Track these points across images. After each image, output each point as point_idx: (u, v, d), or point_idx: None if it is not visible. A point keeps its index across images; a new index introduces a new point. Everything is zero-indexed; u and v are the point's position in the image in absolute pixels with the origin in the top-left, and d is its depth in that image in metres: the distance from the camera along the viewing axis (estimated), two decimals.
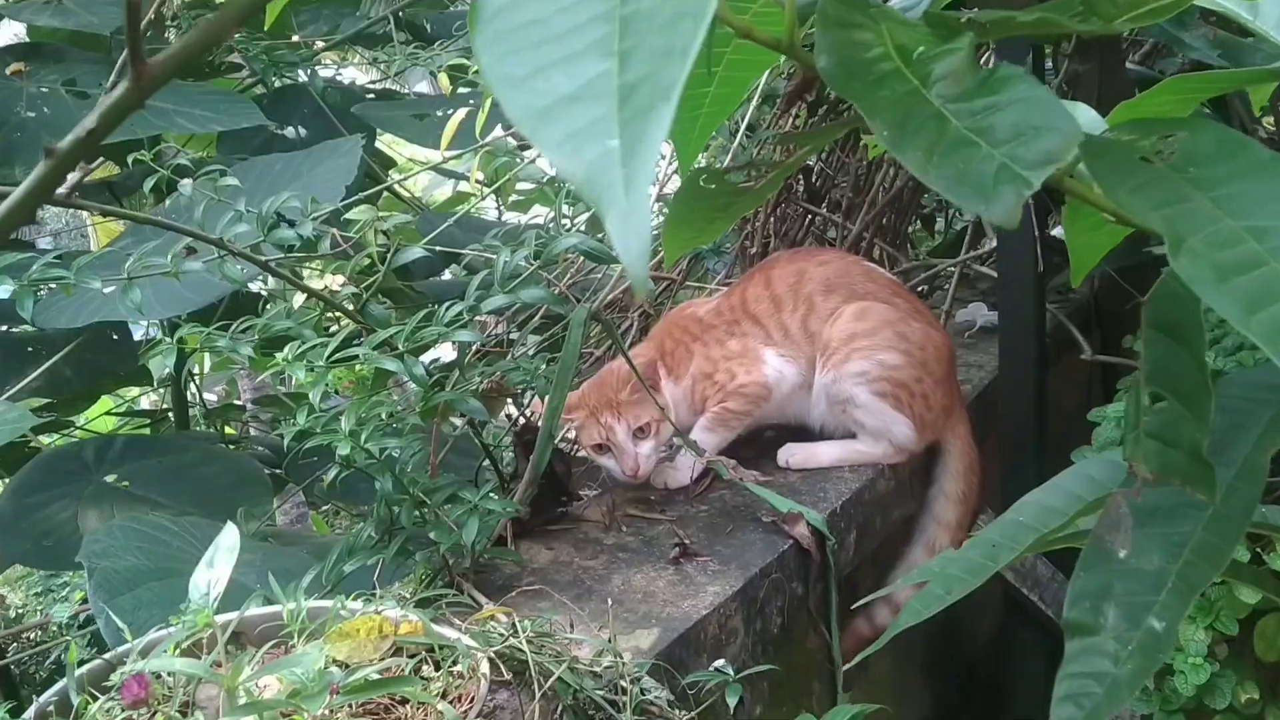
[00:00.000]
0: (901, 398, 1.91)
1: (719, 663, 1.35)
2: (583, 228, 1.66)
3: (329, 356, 1.44)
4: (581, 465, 1.96)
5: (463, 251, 3.12)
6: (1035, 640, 2.29)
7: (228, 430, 3.40)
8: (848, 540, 1.85)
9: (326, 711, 1.01)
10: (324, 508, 4.08)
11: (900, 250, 2.68)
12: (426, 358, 3.39)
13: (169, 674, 1.11)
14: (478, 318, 1.57)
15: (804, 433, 2.03)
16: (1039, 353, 2.08)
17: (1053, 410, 2.26)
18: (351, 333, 1.57)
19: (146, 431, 3.48)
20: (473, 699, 1.11)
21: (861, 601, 1.17)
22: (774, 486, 1.84)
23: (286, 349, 1.45)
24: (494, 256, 1.62)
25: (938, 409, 1.96)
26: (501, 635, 1.33)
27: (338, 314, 1.62)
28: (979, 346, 2.56)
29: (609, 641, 1.32)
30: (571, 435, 1.90)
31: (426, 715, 1.10)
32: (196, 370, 4.09)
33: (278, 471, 2.67)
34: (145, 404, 4.22)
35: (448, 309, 1.55)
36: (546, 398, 1.71)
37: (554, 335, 2.04)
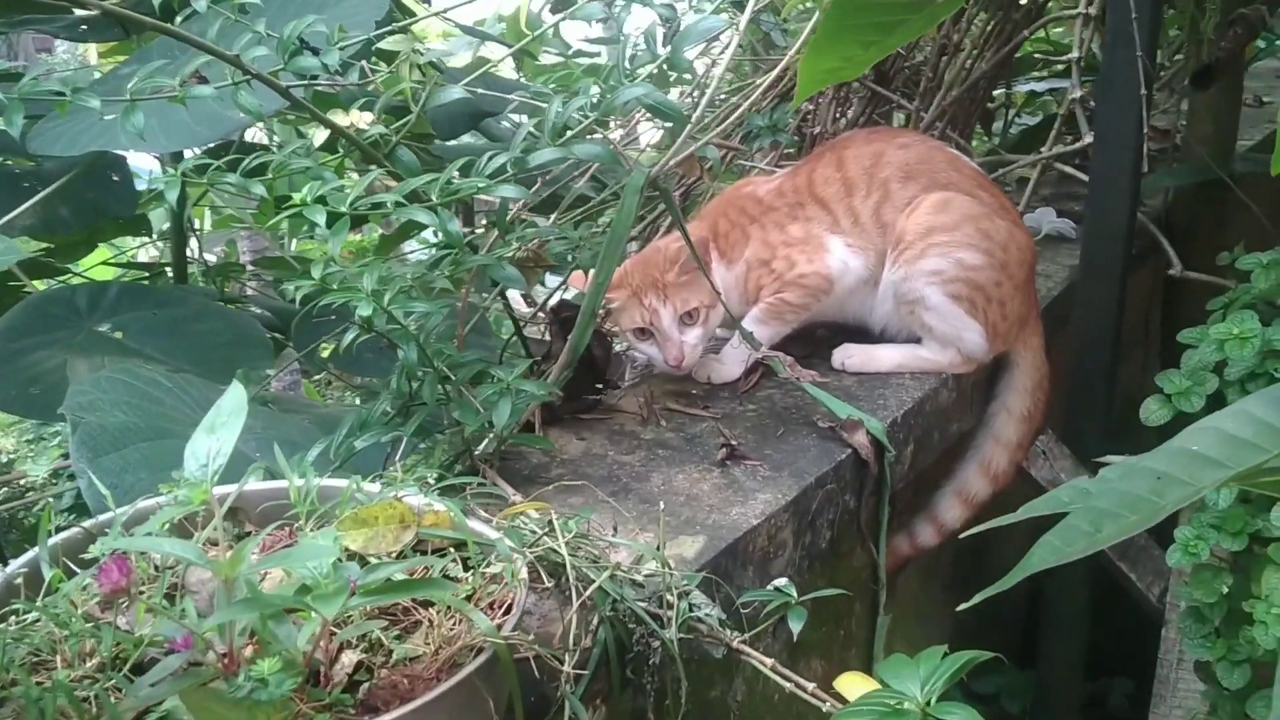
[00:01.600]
0: (977, 302, 1.72)
1: (780, 582, 1.20)
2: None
3: (353, 202, 1.25)
4: (618, 351, 1.79)
5: (490, 112, 2.91)
6: (1074, 569, 2.16)
7: (226, 289, 3.21)
8: (904, 453, 1.69)
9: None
10: (316, 377, 3.93)
11: (968, 143, 2.46)
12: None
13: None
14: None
15: (861, 333, 1.85)
16: (1124, 264, 1.89)
17: None
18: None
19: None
20: (508, 607, 0.95)
21: (976, 529, 0.99)
22: (829, 390, 1.67)
23: (305, 189, 1.26)
24: (541, 105, 1.42)
25: (1013, 317, 1.78)
26: (534, 532, 1.17)
27: (359, 161, 1.43)
28: (1044, 255, 2.37)
29: (657, 549, 1.16)
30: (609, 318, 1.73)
31: (456, 623, 0.94)
32: (198, 226, 3.89)
33: (277, 335, 2.49)
34: (144, 259, 4.03)
35: (490, 159, 1.36)
36: (590, 272, 1.53)
37: (589, 211, 1.84)
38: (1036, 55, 3.02)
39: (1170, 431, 1.94)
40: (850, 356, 1.80)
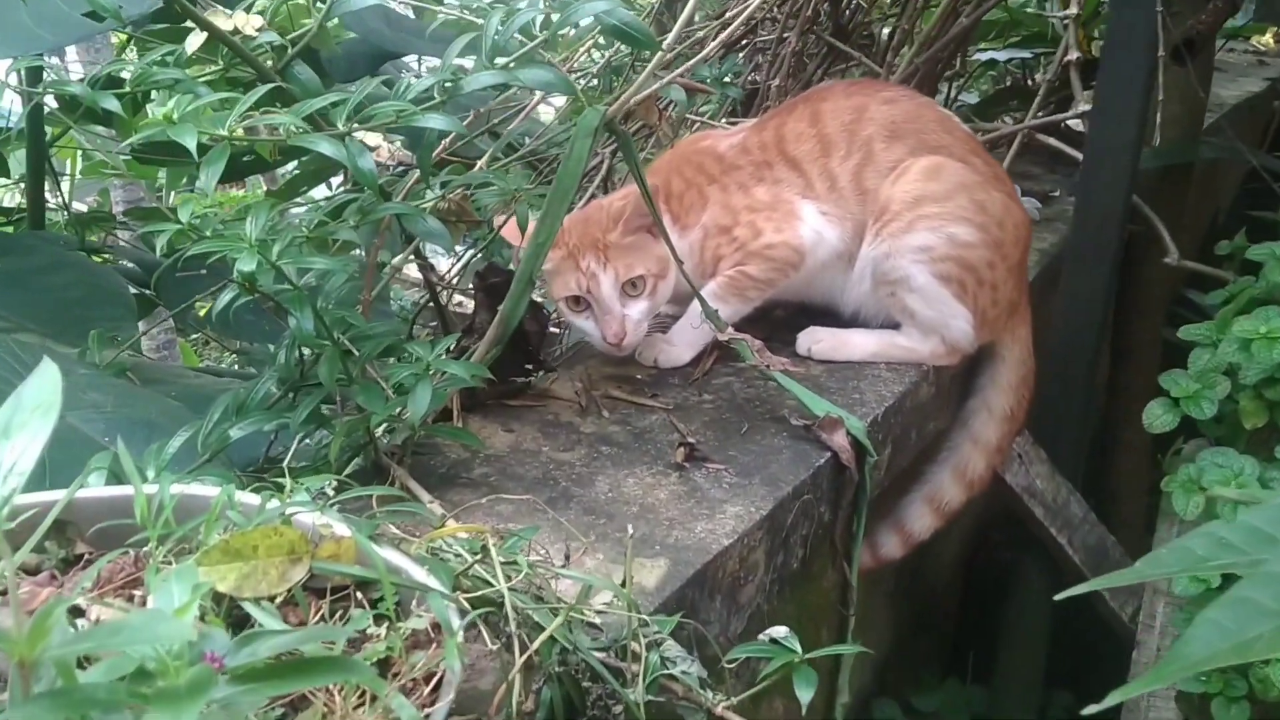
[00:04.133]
0: (967, 284, 1.50)
1: (779, 633, 0.94)
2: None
3: (233, 122, 0.96)
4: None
5: (394, 54, 2.59)
6: (1041, 581, 1.97)
7: (90, 239, 2.83)
8: (882, 456, 1.46)
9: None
10: (194, 335, 3.56)
11: None
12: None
13: None
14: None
15: (828, 315, 1.62)
16: (1117, 249, 1.69)
17: None
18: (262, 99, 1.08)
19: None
20: (436, 683, 0.68)
21: (1074, 591, 0.75)
22: (795, 380, 1.42)
23: (170, 102, 0.96)
24: (479, 22, 1.14)
25: (1004, 304, 1.56)
26: (460, 556, 0.91)
27: (245, 70, 1.13)
28: None
29: (621, 584, 0.90)
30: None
31: (362, 703, 0.67)
32: (68, 174, 3.46)
33: (146, 292, 2.15)
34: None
35: (410, 83, 1.08)
36: (529, 228, 1.26)
37: (529, 157, 1.56)
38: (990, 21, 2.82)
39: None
40: (818, 341, 1.56)
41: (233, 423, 1.12)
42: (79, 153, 3.35)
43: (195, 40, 1.10)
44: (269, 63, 1.13)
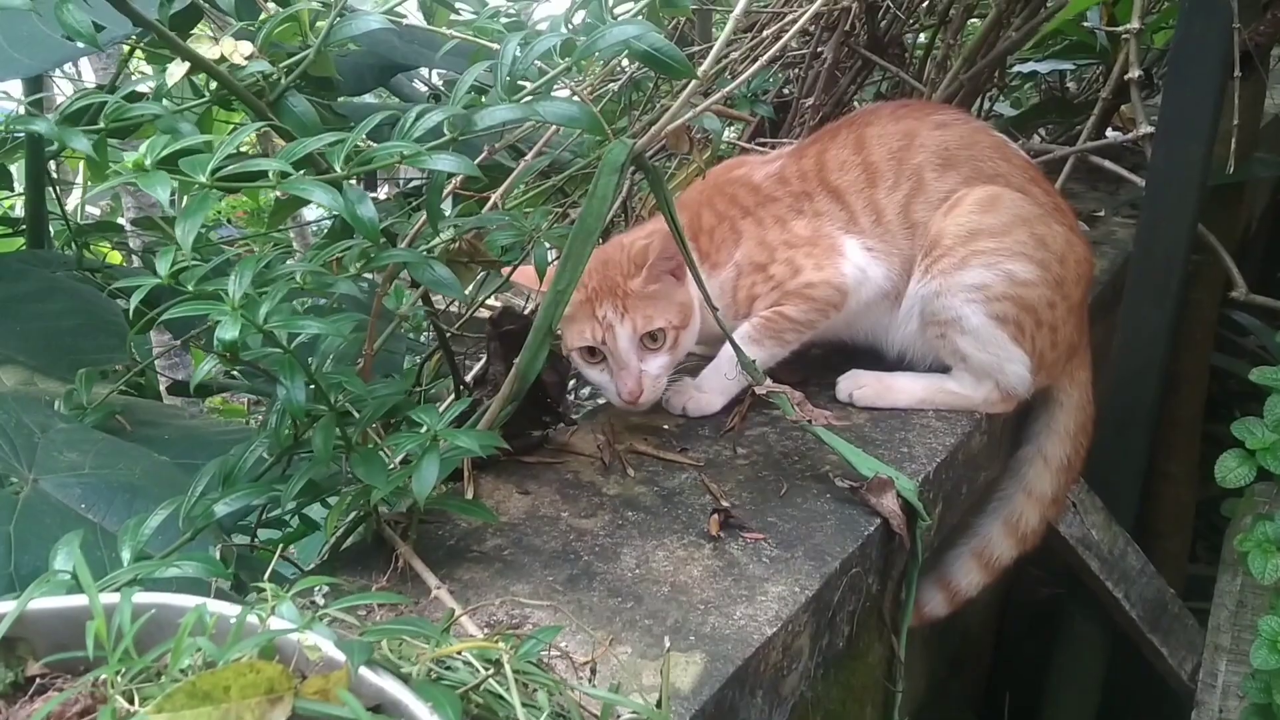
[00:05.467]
0: (1025, 326, 1.37)
1: None
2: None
3: (214, 169, 0.84)
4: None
5: (404, 65, 2.47)
6: (1089, 628, 1.84)
7: (89, 256, 2.72)
8: (933, 514, 1.33)
9: None
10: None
11: None
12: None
13: None
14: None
15: (870, 355, 1.50)
16: (1182, 282, 1.56)
17: None
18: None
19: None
20: None
21: None
22: (837, 431, 1.30)
23: (144, 147, 0.84)
24: (494, 46, 1.02)
25: (1064, 346, 1.43)
26: (469, 666, 0.79)
27: (237, 107, 1.01)
28: None
29: (658, 704, 0.78)
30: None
31: None
32: (76, 179, 3.34)
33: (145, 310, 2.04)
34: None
35: (419, 117, 0.96)
36: (549, 271, 1.14)
37: (544, 193, 1.43)
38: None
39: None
40: (861, 387, 1.43)
41: (219, 496, 1.01)
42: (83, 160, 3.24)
43: (177, 70, 0.98)
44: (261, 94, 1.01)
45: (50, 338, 1.77)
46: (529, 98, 1.00)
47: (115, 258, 3.17)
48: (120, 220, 3.63)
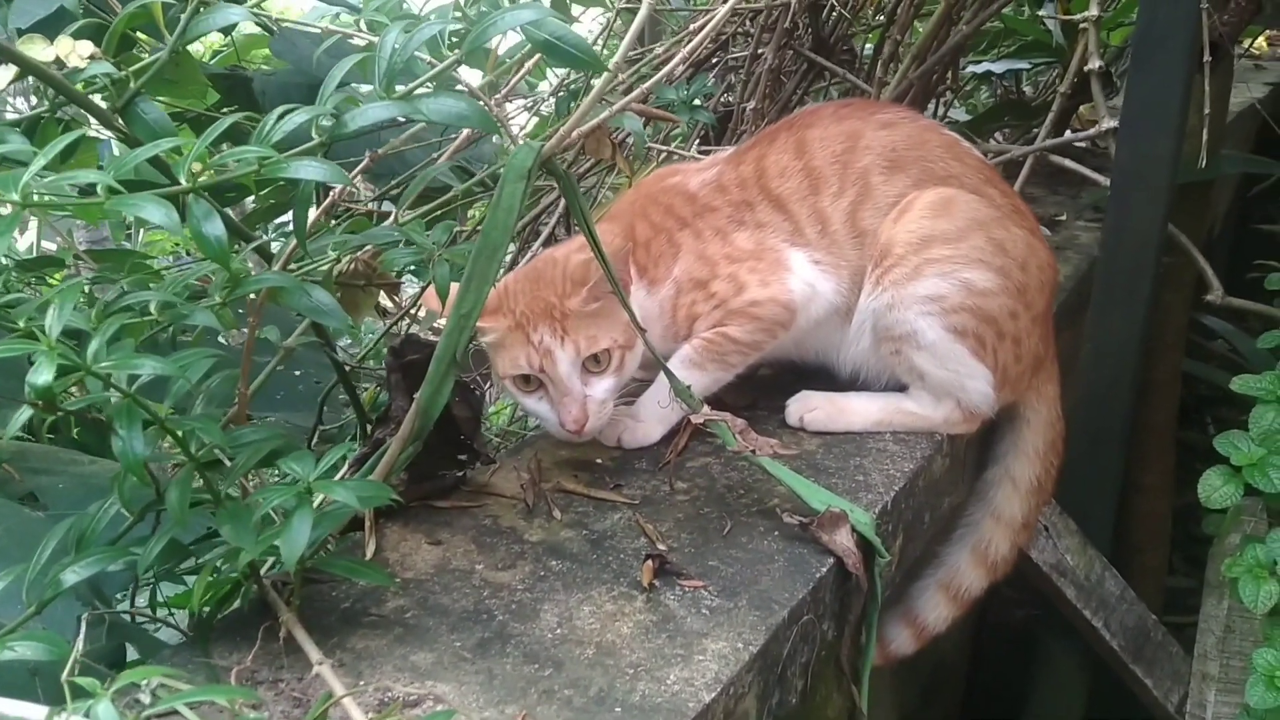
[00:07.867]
0: (986, 339, 1.26)
1: None
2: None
3: (25, 185, 0.71)
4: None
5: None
6: (1067, 658, 1.73)
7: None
8: (892, 548, 1.21)
9: None
10: None
11: None
12: None
13: None
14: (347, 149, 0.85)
15: (822, 375, 1.38)
16: (1152, 287, 1.45)
17: None
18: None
19: None
20: None
21: None
22: (787, 460, 1.18)
23: None
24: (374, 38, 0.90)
25: (1028, 359, 1.32)
26: None
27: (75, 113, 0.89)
28: None
29: None
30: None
31: None
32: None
33: None
34: None
35: (280, 117, 0.83)
36: (452, 294, 1.01)
37: (447, 206, 1.30)
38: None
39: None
40: (812, 410, 1.31)
41: (69, 563, 0.87)
42: None
43: (4, 75, 0.85)
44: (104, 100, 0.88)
45: None
46: (419, 93, 0.88)
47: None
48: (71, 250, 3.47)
